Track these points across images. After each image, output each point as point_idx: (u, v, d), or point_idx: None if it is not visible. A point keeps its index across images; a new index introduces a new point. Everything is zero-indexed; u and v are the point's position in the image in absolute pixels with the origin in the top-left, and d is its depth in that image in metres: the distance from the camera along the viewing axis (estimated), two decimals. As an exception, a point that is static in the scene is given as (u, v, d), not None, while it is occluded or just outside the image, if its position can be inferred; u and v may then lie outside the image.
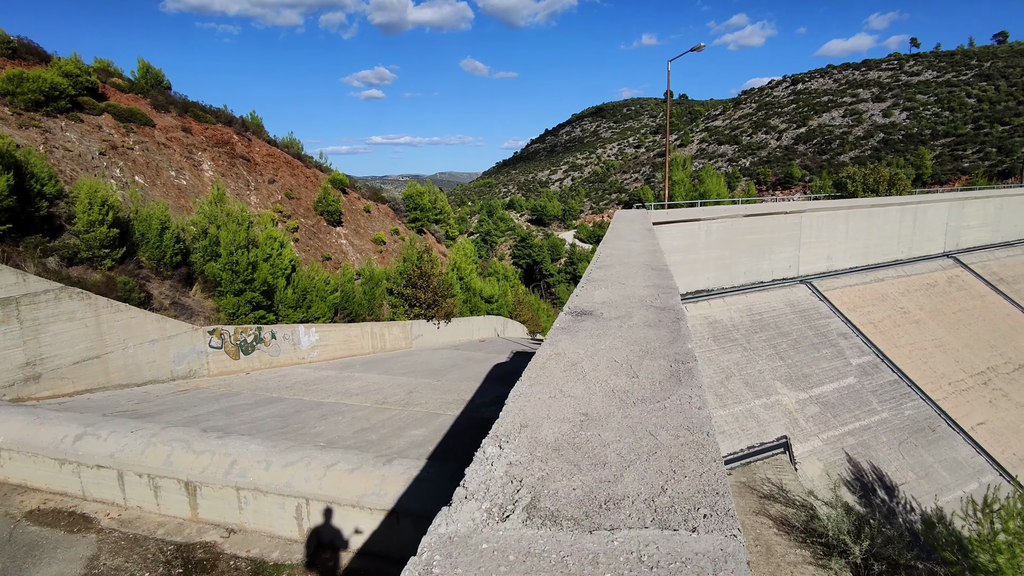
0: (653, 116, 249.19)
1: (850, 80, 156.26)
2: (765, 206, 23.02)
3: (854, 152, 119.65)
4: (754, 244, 23.08)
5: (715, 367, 16.98)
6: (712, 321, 19.56)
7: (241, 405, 14.58)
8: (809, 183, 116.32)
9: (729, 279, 22.64)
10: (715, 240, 21.88)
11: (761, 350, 19.00)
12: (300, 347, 21.98)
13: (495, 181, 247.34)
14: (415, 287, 30.04)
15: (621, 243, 7.53)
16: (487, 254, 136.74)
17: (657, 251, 6.83)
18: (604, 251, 7.05)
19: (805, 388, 17.59)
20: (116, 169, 23.87)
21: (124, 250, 19.43)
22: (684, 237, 20.94)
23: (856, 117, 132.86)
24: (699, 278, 21.66)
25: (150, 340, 16.75)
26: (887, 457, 15.19)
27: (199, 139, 29.08)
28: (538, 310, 52.59)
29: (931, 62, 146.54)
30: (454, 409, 14.63)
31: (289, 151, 35.83)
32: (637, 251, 6.88)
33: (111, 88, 27.34)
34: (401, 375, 19.81)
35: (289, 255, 24.38)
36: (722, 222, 21.93)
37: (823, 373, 18.95)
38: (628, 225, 10.56)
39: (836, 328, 21.43)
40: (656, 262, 5.92)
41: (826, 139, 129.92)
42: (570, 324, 3.93)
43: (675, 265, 19.50)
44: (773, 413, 15.82)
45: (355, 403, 15.19)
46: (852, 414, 17.30)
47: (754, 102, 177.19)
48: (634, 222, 11.51)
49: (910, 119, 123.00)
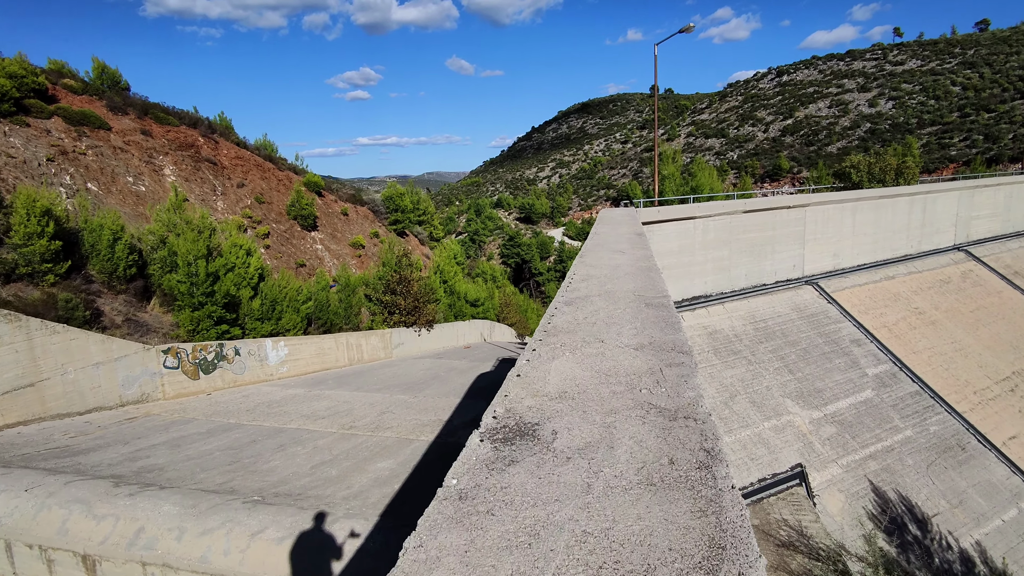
0: (640, 111, 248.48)
1: (835, 71, 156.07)
2: (766, 200, 21.67)
3: (841, 142, 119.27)
4: (755, 243, 21.29)
5: (718, 385, 15.53)
6: (712, 331, 17.92)
7: (191, 435, 13.10)
8: (798, 174, 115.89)
9: (729, 283, 20.84)
10: (712, 240, 20.15)
11: (768, 363, 17.40)
12: (268, 363, 20.47)
13: (483, 180, 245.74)
14: (394, 293, 28.59)
15: (604, 256, 5.89)
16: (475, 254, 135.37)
17: (652, 269, 5.11)
18: (580, 270, 5.27)
19: (818, 405, 16.01)
20: (66, 176, 22.24)
21: (69, 264, 17.86)
22: (678, 237, 19.20)
23: (842, 107, 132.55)
24: (695, 282, 19.83)
25: (93, 363, 15.20)
26: (915, 483, 13.76)
27: (160, 142, 27.43)
28: (526, 311, 51.24)
29: (915, 51, 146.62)
30: (428, 433, 13.23)
31: (260, 153, 34.20)
32: (625, 269, 5.22)
33: (63, 90, 25.65)
34: (375, 391, 18.37)
35: (257, 264, 22.88)
36: (720, 220, 20.22)
37: (837, 387, 17.32)
38: (613, 229, 8.78)
39: (848, 334, 19.87)
40: (653, 289, 4.33)
41: (813, 130, 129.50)
42: (484, 476, 2.00)
43: (669, 269, 17.95)
44: (785, 437, 14.34)
45: (320, 428, 13.75)
46: (872, 433, 15.72)
47: (740, 95, 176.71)
48: (621, 224, 9.67)
49: (896, 108, 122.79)
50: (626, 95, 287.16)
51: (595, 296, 4.28)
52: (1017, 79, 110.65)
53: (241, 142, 33.72)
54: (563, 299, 4.27)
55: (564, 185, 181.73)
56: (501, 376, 21.98)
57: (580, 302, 4.22)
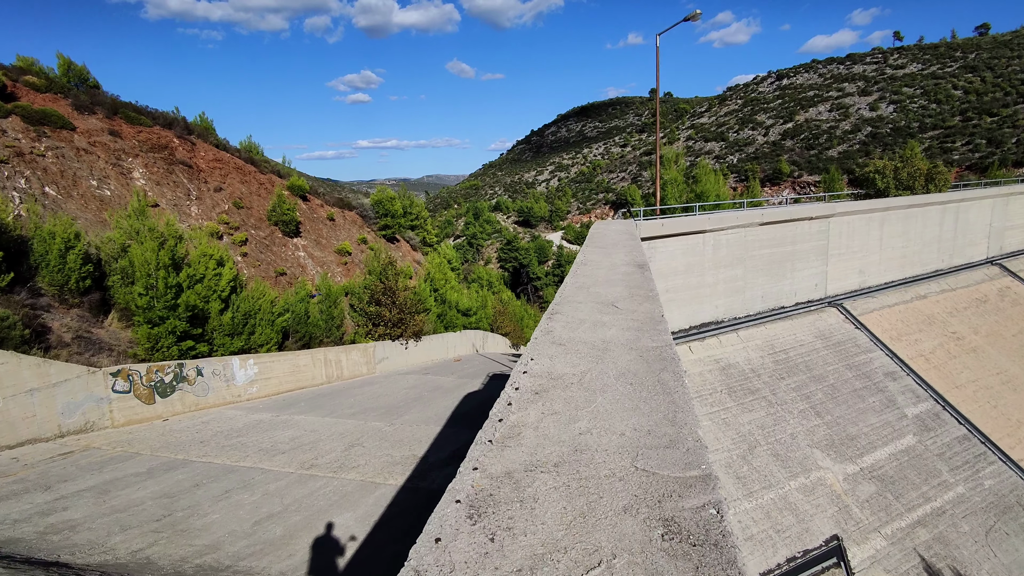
0: (639, 115, 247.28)
1: (835, 74, 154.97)
2: (784, 211, 19.45)
3: (842, 146, 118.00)
4: (773, 260, 18.92)
5: (734, 434, 13.47)
6: (725, 365, 15.68)
7: (126, 478, 11.46)
8: (799, 178, 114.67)
9: (743, 306, 18.43)
10: (724, 257, 17.76)
11: (791, 404, 15.18)
12: (235, 383, 18.84)
13: (481, 183, 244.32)
14: (379, 304, 26.97)
15: (585, 311, 3.74)
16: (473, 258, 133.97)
17: (668, 362, 3.01)
18: (543, 348, 3.42)
19: (853, 457, 13.81)
20: (21, 179, 20.62)
21: (12, 276, 16.21)
22: (685, 255, 16.87)
23: (843, 111, 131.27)
24: (705, 307, 17.38)
25: (27, 390, 13.56)
26: (975, 557, 11.77)
27: (130, 143, 25.82)
28: (522, 319, 49.63)
29: (915, 55, 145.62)
30: (398, 475, 11.60)
31: (241, 155, 32.59)
32: (619, 360, 3.13)
33: (24, 87, 24.06)
34: (348, 416, 16.74)
35: (229, 274, 21.24)
36: (733, 233, 17.87)
37: (873, 432, 15.05)
38: (606, 255, 6.56)
39: (880, 365, 17.64)
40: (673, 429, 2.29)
41: (814, 134, 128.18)
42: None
43: (674, 292, 15.90)
44: (816, 499, 12.22)
45: (276, 468, 12.11)
46: (919, 492, 13.42)
47: (740, 98, 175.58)
48: (616, 249, 7.43)
49: (897, 112, 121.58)
50: (625, 99, 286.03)
51: (559, 446, 2.24)
52: (1020, 83, 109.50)
53: (221, 144, 32.11)
54: (512, 404, 2.61)
55: (563, 189, 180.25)
56: (491, 395, 20.35)
57: (530, 443, 2.26)
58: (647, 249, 11.14)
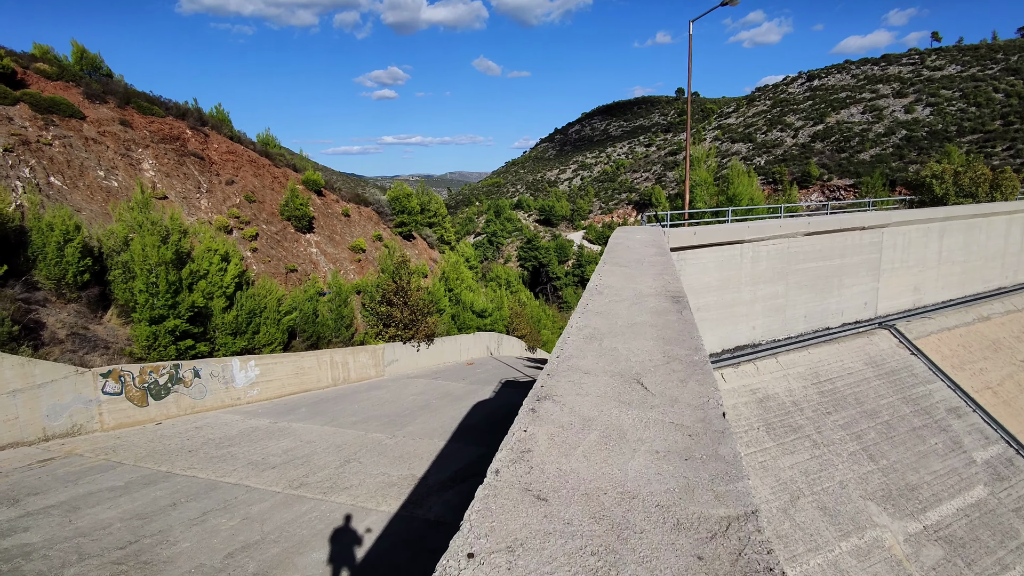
0: (664, 115, 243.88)
1: (869, 76, 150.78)
2: (833, 219, 17.50)
3: (875, 149, 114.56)
4: (818, 275, 16.95)
5: (773, 481, 11.73)
6: (763, 397, 13.75)
7: (100, 492, 10.62)
8: (828, 182, 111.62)
9: (783, 327, 16.53)
10: (764, 271, 15.80)
11: (839, 444, 13.26)
12: (234, 385, 18.04)
13: (503, 181, 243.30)
14: (390, 304, 26.07)
15: (593, 399, 2.40)
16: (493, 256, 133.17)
17: (748, 521, 1.57)
18: (496, 530, 1.57)
19: (915, 512, 11.77)
20: (25, 168, 20.06)
21: (4, 268, 15.56)
22: (719, 267, 14.99)
23: (876, 113, 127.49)
24: (740, 328, 15.51)
25: (9, 391, 12.85)
26: None
27: (141, 134, 25.25)
28: (538, 321, 48.48)
29: (954, 56, 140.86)
30: (393, 500, 10.59)
31: (256, 148, 31.94)
32: (652, 513, 1.64)
33: (34, 75, 23.57)
34: (349, 425, 15.81)
35: (234, 270, 20.47)
36: (774, 244, 15.91)
37: (937, 481, 12.98)
38: (628, 279, 5.17)
39: (942, 399, 15.53)
40: None
41: (845, 136, 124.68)
42: None
43: (705, 310, 14.28)
44: (872, 566, 10.46)
45: (262, 485, 11.19)
46: (995, 558, 11.42)
47: (769, 99, 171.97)
48: (641, 266, 6.02)
49: (934, 115, 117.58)
50: (651, 97, 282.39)
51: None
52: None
53: (236, 136, 31.49)
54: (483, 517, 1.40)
55: (585, 188, 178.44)
56: (502, 405, 19.27)
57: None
58: (676, 261, 9.81)
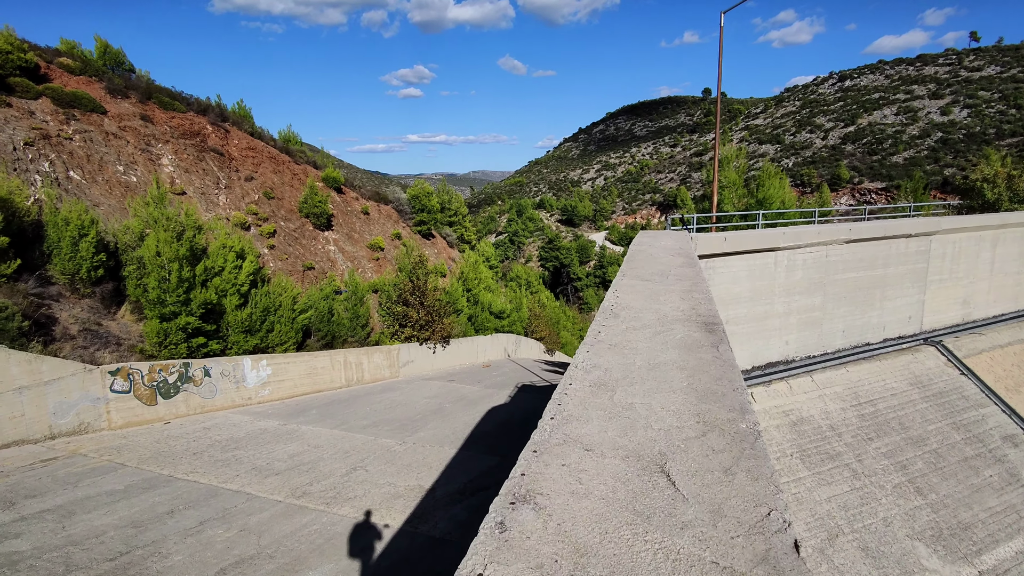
0: (690, 115, 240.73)
1: (903, 76, 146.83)
2: (876, 226, 16.16)
3: (909, 152, 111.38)
4: (859, 286, 15.64)
5: (808, 515, 10.64)
6: (796, 420, 12.58)
7: (99, 496, 10.31)
8: (858, 185, 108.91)
9: (819, 342, 15.26)
10: (800, 281, 14.58)
11: (883, 475, 12.05)
12: (245, 385, 17.76)
13: (526, 180, 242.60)
14: (407, 304, 25.67)
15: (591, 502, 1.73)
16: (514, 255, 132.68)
17: None
18: None
19: (969, 555, 10.43)
20: (45, 163, 20.06)
21: (18, 263, 15.44)
22: (751, 277, 13.77)
23: (911, 115, 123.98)
24: (773, 343, 14.26)
25: (15, 388, 12.66)
26: None
27: (161, 129, 25.20)
28: (557, 323, 47.78)
29: (993, 56, 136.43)
30: (397, 513, 10.09)
31: (276, 144, 31.82)
32: None
33: (58, 69, 23.64)
34: (359, 429, 15.39)
35: (249, 268, 20.22)
36: (811, 252, 14.72)
37: (993, 519, 11.62)
38: (651, 298, 4.47)
39: (996, 424, 14.14)
40: None
41: (877, 138, 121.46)
42: None
43: (735, 323, 13.48)
44: None
45: (264, 494, 10.78)
46: None
47: (798, 100, 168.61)
48: (666, 280, 5.24)
49: (972, 117, 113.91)
50: (677, 97, 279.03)
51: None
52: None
53: (257, 132, 31.40)
54: None
55: (609, 188, 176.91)
56: (517, 410, 18.69)
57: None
58: (704, 270, 8.97)
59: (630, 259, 6.61)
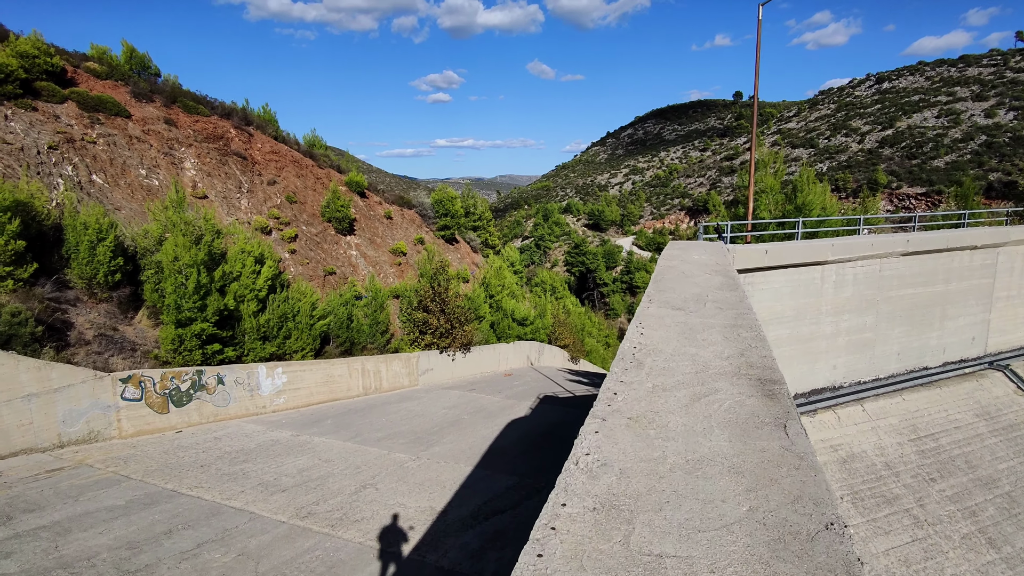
0: (721, 118, 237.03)
1: (945, 78, 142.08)
2: (934, 237, 14.65)
3: (951, 156, 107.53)
4: (916, 303, 14.14)
5: (865, 569, 10.01)
6: (846, 456, 11.19)
7: (98, 512, 9.91)
8: (897, 190, 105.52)
9: (871, 366, 13.80)
10: (849, 299, 13.22)
11: (948, 523, 10.54)
12: (260, 393, 17.40)
13: (553, 184, 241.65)
14: (427, 311, 25.16)
15: None
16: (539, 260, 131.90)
17: None
18: None
19: None
20: (68, 166, 20.08)
21: (35, 267, 15.32)
22: (794, 294, 12.53)
23: (953, 118, 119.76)
24: (819, 367, 12.90)
25: (24, 395, 12.42)
26: None
27: (185, 133, 25.20)
28: (582, 330, 46.91)
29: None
30: (405, 538, 9.46)
31: (299, 148, 31.71)
32: None
33: (84, 73, 23.78)
34: (373, 442, 14.85)
35: (268, 273, 19.92)
36: (863, 266, 13.32)
37: None
38: (686, 338, 3.75)
39: None
40: None
41: (917, 142, 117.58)
42: None
43: (776, 346, 12.18)
44: None
45: (268, 513, 10.27)
46: None
47: (833, 102, 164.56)
48: (703, 308, 4.48)
49: (1018, 120, 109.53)
50: (707, 101, 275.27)
51: None
52: None
53: (281, 136, 31.34)
54: None
55: (637, 192, 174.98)
56: (539, 424, 17.94)
57: None
58: (744, 284, 7.91)
59: (658, 279, 5.74)
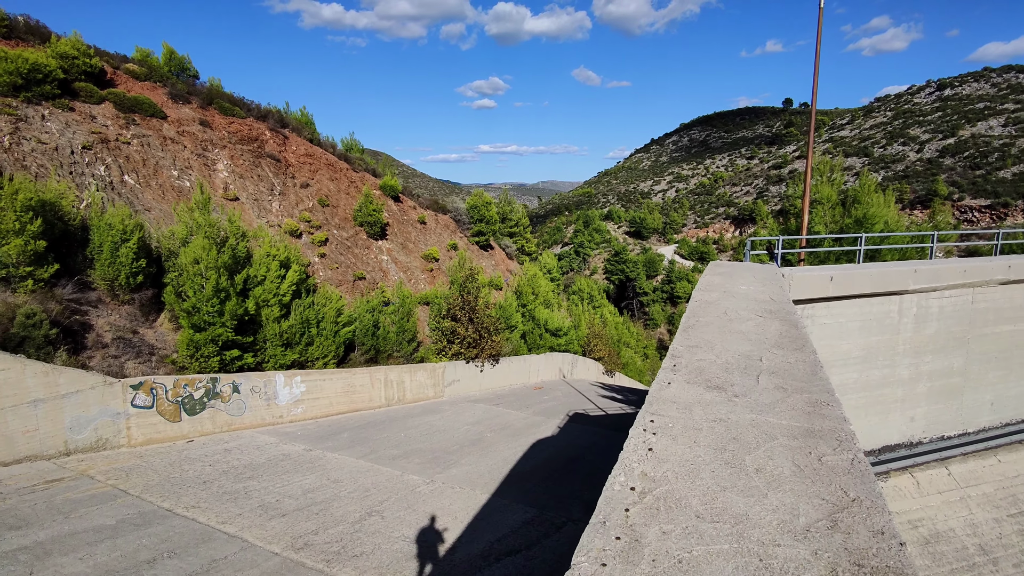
0: (769, 126, 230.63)
1: (1012, 84, 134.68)
2: None
3: (1018, 166, 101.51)
4: (1015, 342, 11.90)
5: None
6: (928, 536, 8.85)
7: (84, 533, 9.33)
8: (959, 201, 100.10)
9: (957, 418, 11.60)
10: (933, 335, 11.11)
11: None
12: (277, 402, 16.84)
13: (595, 191, 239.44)
14: (455, 320, 24.36)
15: None
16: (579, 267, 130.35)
17: None
18: None
19: None
20: (101, 166, 20.06)
21: (56, 268, 15.11)
22: (864, 330, 10.51)
23: (1021, 126, 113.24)
24: (893, 418, 10.76)
25: (30, 400, 12.06)
26: None
27: (220, 134, 25.13)
28: (619, 341, 45.43)
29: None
30: (403, 582, 8.54)
31: (334, 152, 31.46)
32: None
33: (123, 75, 23.93)
34: (387, 461, 14.03)
35: (293, 278, 19.44)
36: (949, 298, 11.14)
37: None
38: (719, 466, 2.62)
39: None
40: None
41: (981, 151, 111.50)
42: None
43: (841, 393, 10.69)
44: None
45: (261, 542, 9.50)
46: None
47: (889, 110, 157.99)
48: (748, 378, 3.32)
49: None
50: (755, 108, 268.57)
51: None
52: None
53: (316, 139, 31.16)
54: None
55: (680, 200, 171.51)
56: (562, 450, 16.80)
57: None
58: (803, 318, 6.47)
59: (691, 323, 4.26)
